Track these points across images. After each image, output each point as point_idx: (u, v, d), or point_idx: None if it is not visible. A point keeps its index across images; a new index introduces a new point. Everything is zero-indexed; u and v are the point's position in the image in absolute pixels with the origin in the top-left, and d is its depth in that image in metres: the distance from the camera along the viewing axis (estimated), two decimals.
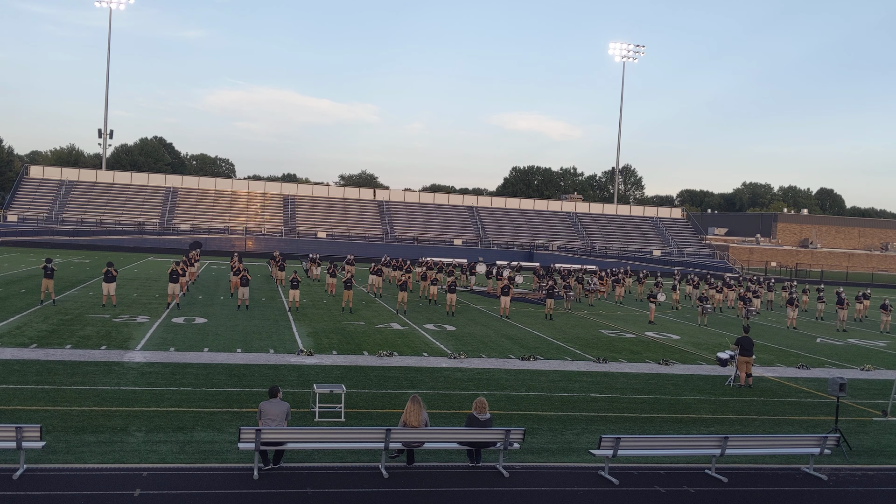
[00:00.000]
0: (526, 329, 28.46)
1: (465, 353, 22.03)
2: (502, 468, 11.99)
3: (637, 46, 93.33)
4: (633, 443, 12.25)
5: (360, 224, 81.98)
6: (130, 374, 17.08)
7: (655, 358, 23.46)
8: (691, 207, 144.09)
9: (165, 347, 20.46)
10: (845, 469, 13.27)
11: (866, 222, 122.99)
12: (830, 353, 27.19)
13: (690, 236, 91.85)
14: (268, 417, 11.55)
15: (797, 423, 16.42)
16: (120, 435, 12.67)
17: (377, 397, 16.40)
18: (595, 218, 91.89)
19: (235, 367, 18.45)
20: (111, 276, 27.90)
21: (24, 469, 10.73)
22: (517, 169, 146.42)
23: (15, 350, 18.99)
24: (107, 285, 27.82)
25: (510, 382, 18.66)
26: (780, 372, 22.48)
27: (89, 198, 77.85)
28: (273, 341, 22.40)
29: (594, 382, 19.31)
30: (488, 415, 12.34)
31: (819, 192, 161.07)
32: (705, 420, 16.20)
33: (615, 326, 30.99)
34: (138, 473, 10.94)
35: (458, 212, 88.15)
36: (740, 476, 12.50)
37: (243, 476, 11.11)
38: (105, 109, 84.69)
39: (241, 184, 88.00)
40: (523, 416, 15.38)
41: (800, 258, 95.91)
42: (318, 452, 12.23)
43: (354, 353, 21.42)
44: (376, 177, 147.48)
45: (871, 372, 23.45)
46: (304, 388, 16.46)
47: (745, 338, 19.85)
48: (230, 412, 14.47)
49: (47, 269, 27.52)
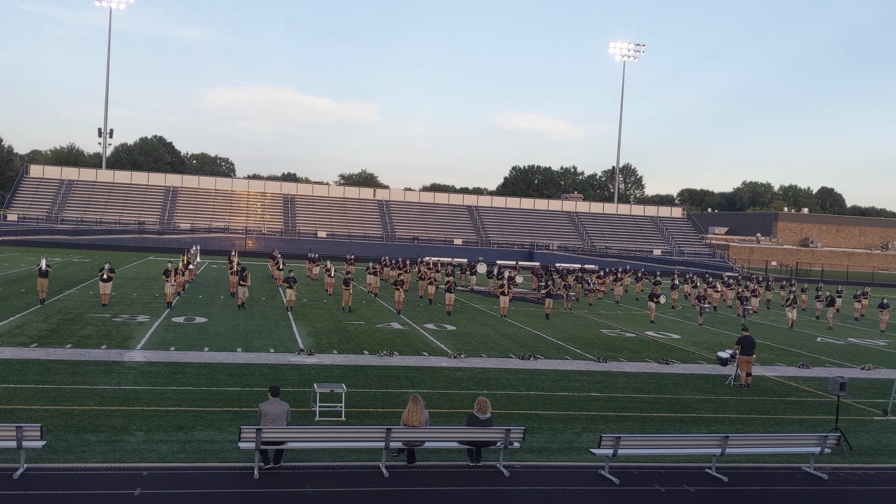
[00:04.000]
0: (526, 328, 28.46)
1: (466, 353, 22.02)
2: (503, 467, 11.99)
3: (637, 45, 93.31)
4: (634, 442, 12.25)
5: (361, 223, 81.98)
6: (131, 374, 17.07)
7: (656, 357, 23.45)
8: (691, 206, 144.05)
9: (166, 347, 20.46)
10: (846, 468, 13.27)
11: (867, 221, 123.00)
12: (831, 352, 27.19)
13: (691, 235, 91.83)
14: (268, 418, 11.54)
15: (798, 423, 16.42)
16: (120, 434, 12.67)
17: (377, 397, 16.40)
18: (595, 217, 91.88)
19: (236, 367, 18.44)
20: (108, 277, 28.03)
21: (25, 468, 10.73)
22: (517, 168, 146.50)
23: (15, 349, 18.99)
24: (103, 284, 27.90)
25: (510, 382, 18.66)
26: (781, 371, 22.48)
27: (89, 197, 77.83)
28: (273, 341, 22.40)
29: (594, 382, 19.31)
30: (489, 414, 12.34)
31: (819, 192, 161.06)
32: (706, 419, 16.20)
33: (615, 326, 30.99)
34: (139, 473, 10.94)
35: (459, 211, 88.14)
36: (741, 475, 12.50)
37: (244, 475, 11.11)
38: (105, 109, 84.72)
39: (241, 183, 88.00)
40: (524, 416, 15.38)
41: (800, 257, 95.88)
42: (318, 451, 12.22)
43: (355, 352, 21.41)
44: (376, 176, 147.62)
45: (872, 371, 23.45)
46: (305, 388, 16.46)
47: (746, 337, 19.84)
48: (230, 411, 14.47)
49: (41, 270, 27.84)
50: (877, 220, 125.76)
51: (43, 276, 27.68)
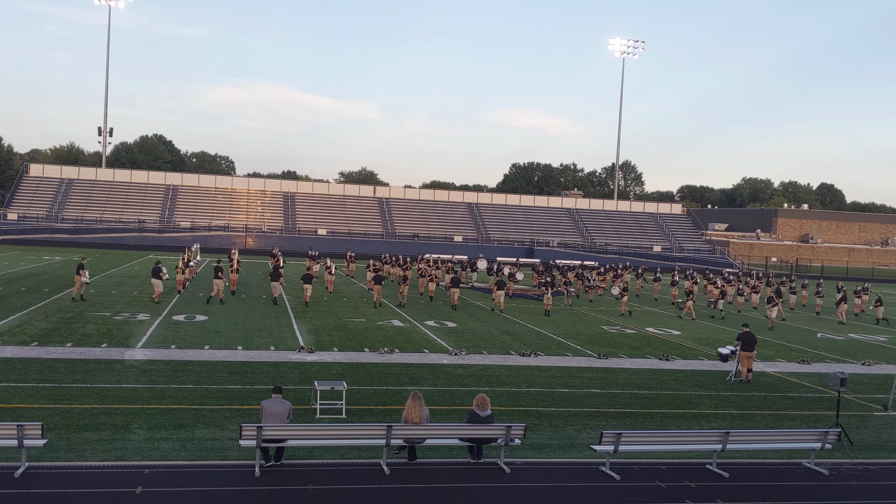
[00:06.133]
0: (527, 325, 28.47)
1: (466, 350, 22.03)
2: (503, 464, 12.00)
3: (637, 42, 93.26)
4: (634, 438, 12.25)
5: (361, 221, 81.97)
6: (131, 372, 17.08)
7: (656, 353, 23.46)
8: (691, 203, 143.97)
9: (166, 345, 20.46)
10: (846, 464, 13.28)
11: (867, 217, 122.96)
12: (831, 348, 27.20)
13: (690, 232, 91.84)
14: (270, 415, 11.54)
15: (798, 418, 16.43)
16: (121, 432, 12.67)
17: (378, 394, 16.40)
18: (595, 214, 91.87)
19: (236, 365, 18.45)
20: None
21: (26, 467, 10.73)
22: (517, 165, 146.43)
23: (16, 348, 18.99)
24: (78, 278, 28.71)
25: (511, 379, 18.67)
26: (781, 367, 22.49)
27: (89, 196, 77.83)
28: (274, 338, 22.40)
29: (595, 378, 19.32)
30: (489, 411, 12.33)
31: (819, 187, 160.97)
32: (706, 415, 16.21)
33: (616, 322, 30.99)
34: (140, 471, 10.95)
35: (459, 208, 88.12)
36: (741, 471, 12.50)
37: (245, 473, 11.11)
38: (105, 107, 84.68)
39: (240, 181, 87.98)
40: (524, 413, 15.39)
41: (800, 253, 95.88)
42: (319, 449, 12.22)
43: (355, 349, 21.42)
44: (376, 174, 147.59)
45: (872, 367, 23.46)
46: (306, 385, 16.46)
47: (746, 333, 19.86)
48: (231, 409, 14.47)
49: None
50: (877, 216, 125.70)
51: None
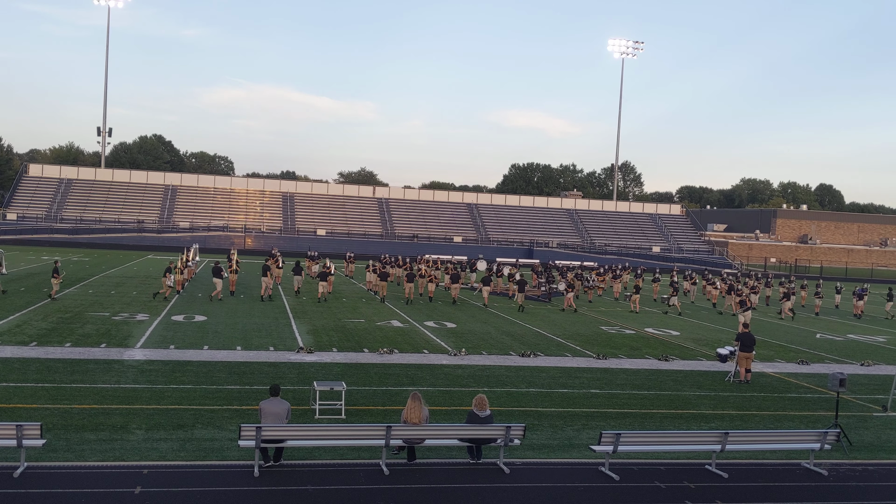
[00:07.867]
0: (526, 326, 28.47)
1: (466, 350, 22.03)
2: (503, 464, 11.99)
3: (636, 43, 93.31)
4: (634, 439, 12.24)
5: (360, 221, 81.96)
6: (130, 372, 17.07)
7: (655, 354, 23.46)
8: (690, 204, 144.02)
9: (165, 345, 20.46)
10: (845, 464, 13.27)
11: (865, 218, 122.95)
12: (830, 348, 27.20)
13: (690, 232, 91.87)
14: (268, 416, 11.53)
15: (797, 419, 16.43)
16: (120, 433, 12.66)
17: (377, 394, 16.39)
18: (594, 215, 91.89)
19: (235, 365, 18.44)
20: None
21: (25, 467, 10.72)
22: (516, 166, 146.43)
23: (15, 348, 18.98)
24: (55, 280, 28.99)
25: (510, 379, 18.67)
26: (780, 367, 22.49)
27: (88, 196, 77.80)
28: (273, 339, 22.40)
29: (594, 379, 19.32)
30: (488, 411, 12.33)
31: (818, 188, 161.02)
32: (705, 416, 16.21)
33: (615, 323, 31.00)
34: (139, 471, 10.94)
35: (458, 209, 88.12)
36: (740, 471, 12.50)
37: (244, 473, 11.10)
38: (104, 107, 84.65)
39: (240, 181, 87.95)
40: (524, 413, 15.39)
41: (799, 254, 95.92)
42: (318, 450, 12.22)
43: (355, 350, 21.41)
44: (376, 174, 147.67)
45: (871, 367, 23.46)
46: (305, 386, 16.46)
47: (745, 334, 19.85)
48: (230, 410, 14.47)
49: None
50: (876, 217, 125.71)
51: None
